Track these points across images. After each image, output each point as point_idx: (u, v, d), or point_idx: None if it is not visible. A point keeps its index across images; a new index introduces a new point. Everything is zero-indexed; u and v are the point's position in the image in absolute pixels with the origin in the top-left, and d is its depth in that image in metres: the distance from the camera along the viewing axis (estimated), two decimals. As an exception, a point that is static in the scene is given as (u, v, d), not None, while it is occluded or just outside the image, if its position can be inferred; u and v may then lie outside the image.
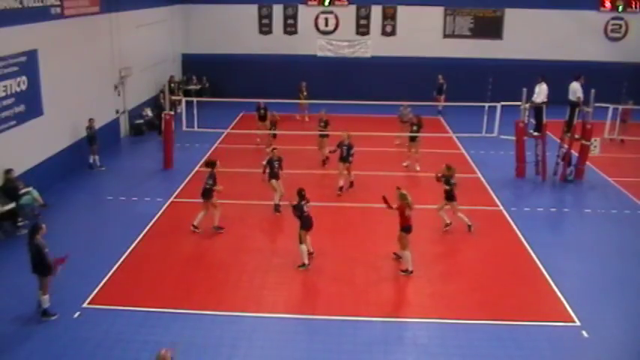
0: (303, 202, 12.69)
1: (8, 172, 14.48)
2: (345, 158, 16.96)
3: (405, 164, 19.70)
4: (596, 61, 27.57)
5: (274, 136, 20.80)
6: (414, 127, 19.35)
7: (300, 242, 12.64)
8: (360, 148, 18.56)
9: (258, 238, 14.23)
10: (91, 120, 18.45)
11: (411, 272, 12.45)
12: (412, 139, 19.26)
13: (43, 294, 10.55)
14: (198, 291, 11.79)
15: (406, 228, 12.48)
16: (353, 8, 29.25)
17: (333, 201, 16.27)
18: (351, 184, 17.43)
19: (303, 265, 12.62)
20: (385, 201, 12.83)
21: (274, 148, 16.44)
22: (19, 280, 11.27)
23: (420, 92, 24.79)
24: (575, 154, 18.52)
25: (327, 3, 29.14)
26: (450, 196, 14.51)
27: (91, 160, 18.80)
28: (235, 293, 11.78)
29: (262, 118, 22.02)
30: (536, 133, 18.62)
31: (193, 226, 14.29)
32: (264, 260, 13.08)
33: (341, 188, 17.09)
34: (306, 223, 12.71)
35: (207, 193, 14.11)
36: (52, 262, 10.46)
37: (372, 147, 20.54)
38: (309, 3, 29.21)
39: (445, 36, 29.35)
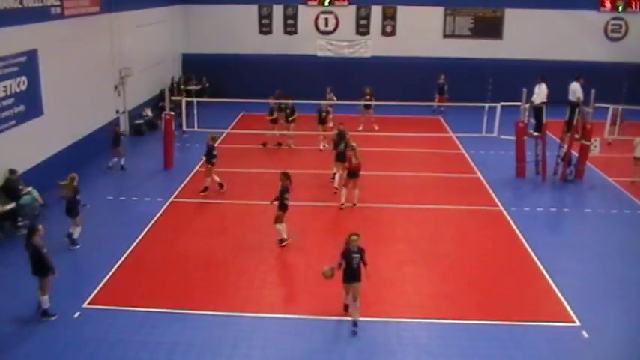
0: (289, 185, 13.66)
1: (12, 172, 14.49)
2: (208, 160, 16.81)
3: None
4: (596, 61, 27.58)
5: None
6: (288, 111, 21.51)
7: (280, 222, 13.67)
8: (360, 148, 18.58)
9: (259, 238, 14.22)
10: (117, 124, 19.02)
11: (342, 205, 15.75)
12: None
13: (43, 294, 10.56)
14: (198, 291, 11.79)
15: (349, 173, 15.73)
16: (353, 8, 29.26)
17: (333, 201, 16.26)
18: (206, 189, 16.85)
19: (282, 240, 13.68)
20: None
21: (341, 124, 17.93)
22: (19, 280, 11.28)
23: (420, 92, 24.79)
24: (575, 154, 18.53)
25: (327, 3, 29.13)
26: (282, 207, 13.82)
27: (113, 162, 18.74)
28: (235, 293, 11.78)
29: (323, 121, 21.66)
30: (536, 133, 18.62)
31: None
32: (264, 260, 13.08)
33: (205, 189, 16.80)
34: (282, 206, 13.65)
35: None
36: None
37: (371, 147, 20.55)
38: (309, 3, 29.21)
39: (445, 36, 29.36)
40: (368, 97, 23.83)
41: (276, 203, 13.65)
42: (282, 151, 21.07)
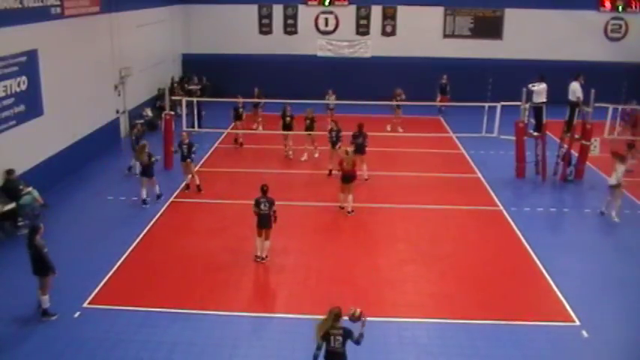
0: (262, 199, 12.69)
1: (10, 172, 14.49)
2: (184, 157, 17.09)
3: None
4: (596, 61, 27.54)
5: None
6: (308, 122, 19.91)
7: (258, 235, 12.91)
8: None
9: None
10: (135, 126, 19.01)
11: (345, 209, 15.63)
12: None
13: (43, 294, 10.56)
14: (198, 291, 11.79)
15: (343, 177, 15.57)
16: (353, 8, 29.27)
17: (333, 201, 16.25)
18: (198, 187, 17.12)
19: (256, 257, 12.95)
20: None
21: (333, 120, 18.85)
22: (19, 280, 11.27)
23: (420, 92, 24.79)
24: (575, 154, 18.52)
25: (327, 3, 29.14)
26: None
27: (132, 164, 18.52)
28: (235, 293, 11.79)
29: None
30: (536, 133, 18.62)
31: None
32: (265, 260, 13.06)
33: (198, 187, 17.10)
34: (258, 222, 12.79)
35: None
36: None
37: (372, 147, 20.51)
38: (309, 3, 29.22)
39: (445, 36, 29.37)
40: (399, 97, 23.88)
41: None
42: (282, 152, 21.02)
